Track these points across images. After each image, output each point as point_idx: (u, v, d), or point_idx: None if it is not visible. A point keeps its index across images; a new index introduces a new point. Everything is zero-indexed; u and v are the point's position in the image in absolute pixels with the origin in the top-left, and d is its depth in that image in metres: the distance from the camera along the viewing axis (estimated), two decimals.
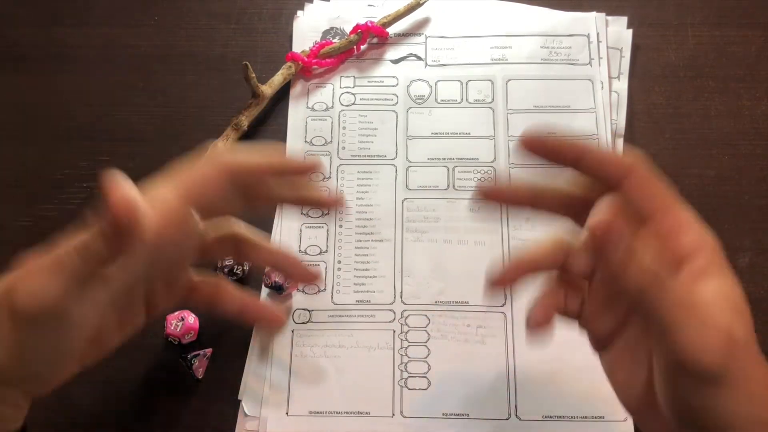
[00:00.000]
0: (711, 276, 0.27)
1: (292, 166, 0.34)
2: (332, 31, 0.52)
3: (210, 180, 0.32)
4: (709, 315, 0.25)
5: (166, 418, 0.41)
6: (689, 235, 0.28)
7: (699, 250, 0.27)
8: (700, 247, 0.27)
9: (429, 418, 0.40)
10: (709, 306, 0.26)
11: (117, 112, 0.50)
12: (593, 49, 0.50)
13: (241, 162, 0.32)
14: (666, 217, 0.28)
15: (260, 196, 0.34)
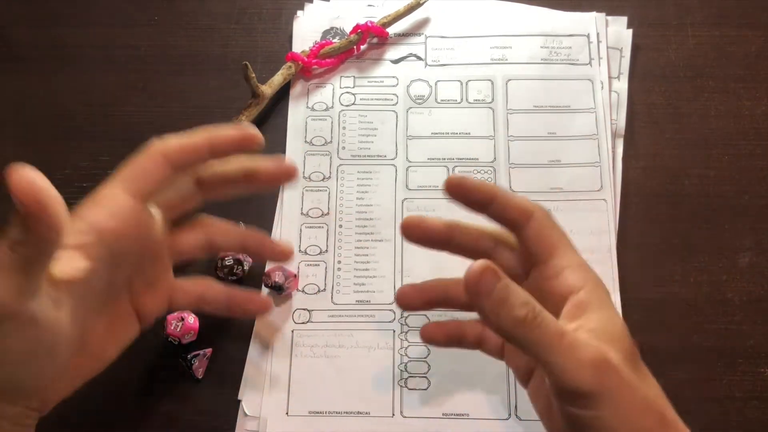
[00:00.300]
0: (590, 309, 0.30)
1: (225, 138, 0.34)
2: (332, 31, 0.52)
3: (149, 169, 0.32)
4: (579, 341, 0.28)
5: (166, 418, 0.41)
6: (575, 274, 0.31)
7: (582, 288, 0.31)
8: (582, 284, 0.31)
9: (429, 418, 0.40)
10: (581, 334, 0.29)
11: (117, 112, 0.50)
12: (593, 49, 0.50)
13: (173, 143, 0.33)
14: (556, 259, 0.31)
15: (210, 182, 0.36)
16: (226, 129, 0.34)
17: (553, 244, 0.32)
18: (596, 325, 0.29)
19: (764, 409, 0.41)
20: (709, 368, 0.42)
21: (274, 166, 0.36)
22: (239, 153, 0.35)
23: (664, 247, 0.45)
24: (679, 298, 0.43)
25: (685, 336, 0.43)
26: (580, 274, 0.31)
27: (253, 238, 0.39)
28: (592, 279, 0.31)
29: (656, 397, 0.29)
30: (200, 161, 0.34)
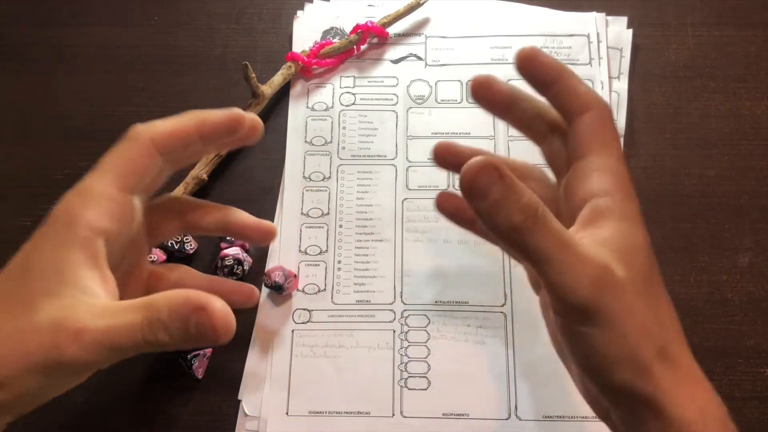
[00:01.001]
0: (608, 218, 0.27)
1: (215, 121, 0.32)
2: (332, 31, 0.52)
3: (138, 159, 0.30)
4: (583, 252, 0.25)
5: (166, 418, 0.41)
6: (604, 178, 0.28)
7: (606, 194, 0.28)
8: (608, 190, 0.28)
9: (429, 418, 0.40)
10: (587, 245, 0.26)
11: (117, 112, 0.50)
12: (593, 49, 0.50)
13: (162, 129, 0.31)
14: (591, 157, 0.29)
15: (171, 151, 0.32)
16: (216, 112, 0.32)
17: (596, 142, 0.29)
18: (610, 235, 0.27)
19: (764, 409, 0.41)
20: (709, 368, 0.41)
21: (225, 115, 0.32)
22: (230, 137, 0.32)
23: (664, 247, 0.45)
24: (679, 298, 0.43)
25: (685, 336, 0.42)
26: (611, 180, 0.28)
27: (234, 218, 0.36)
28: (622, 189, 0.28)
29: (661, 326, 0.27)
30: (189, 147, 0.32)
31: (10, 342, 0.26)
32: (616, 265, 0.26)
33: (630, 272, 0.26)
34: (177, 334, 0.26)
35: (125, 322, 0.26)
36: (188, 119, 0.31)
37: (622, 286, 0.26)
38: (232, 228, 0.36)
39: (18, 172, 0.48)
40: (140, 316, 0.26)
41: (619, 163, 0.29)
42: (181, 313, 0.26)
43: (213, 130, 0.31)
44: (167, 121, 0.31)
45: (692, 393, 0.28)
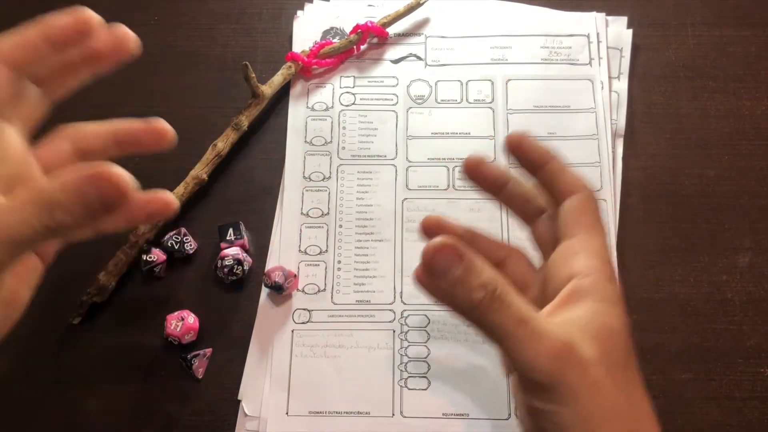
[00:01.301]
0: (585, 299, 0.28)
1: (60, 24, 0.30)
2: (332, 31, 0.52)
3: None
4: (541, 328, 0.26)
5: (166, 418, 0.41)
6: (586, 260, 0.29)
7: (587, 276, 0.28)
8: (589, 273, 0.28)
9: (429, 418, 0.40)
10: (548, 322, 0.27)
11: (117, 112, 0.50)
12: (593, 49, 0.50)
13: (3, 43, 0.29)
14: (576, 240, 0.30)
15: (50, 75, 0.32)
16: (57, 17, 0.29)
17: (580, 225, 0.30)
18: (584, 315, 0.27)
19: (764, 409, 0.41)
20: (709, 368, 0.42)
21: (70, 14, 0.30)
22: (81, 41, 0.30)
23: (664, 247, 0.45)
24: (679, 298, 0.43)
25: (685, 336, 0.43)
26: (592, 262, 0.29)
27: (124, 131, 0.34)
28: (603, 271, 0.29)
29: (634, 410, 0.27)
30: (41, 57, 0.29)
31: None
32: (584, 344, 0.26)
33: (600, 352, 0.26)
34: (76, 207, 0.25)
35: (16, 214, 0.25)
36: (32, 28, 0.30)
37: (587, 364, 0.26)
38: (122, 137, 0.34)
39: None
40: (31, 204, 0.25)
41: (602, 246, 0.30)
42: (75, 184, 0.25)
43: (58, 30, 0.30)
44: (10, 34, 0.29)
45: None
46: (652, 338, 0.42)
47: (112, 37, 0.31)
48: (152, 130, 0.33)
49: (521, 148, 0.32)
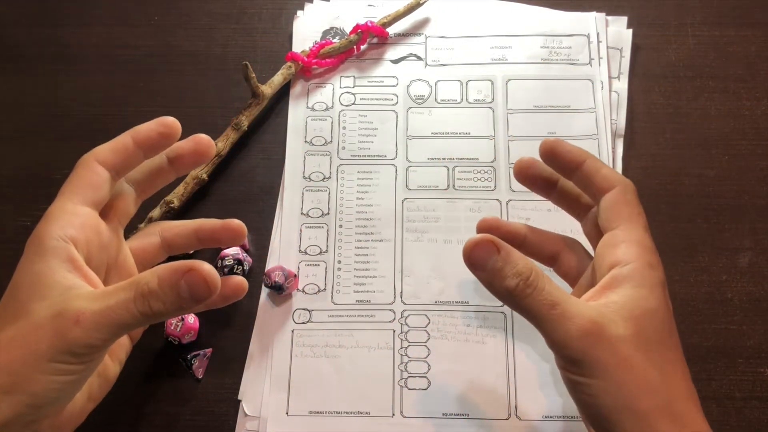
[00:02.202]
0: (624, 285, 0.30)
1: (147, 132, 0.35)
2: (332, 31, 0.52)
3: (86, 175, 0.33)
4: (571, 310, 0.29)
5: (166, 418, 0.41)
6: (629, 249, 0.31)
7: (628, 263, 0.31)
8: (630, 260, 0.31)
9: (429, 418, 0.40)
10: (578, 303, 0.30)
11: (117, 112, 0.50)
12: (593, 49, 0.50)
13: (101, 148, 0.34)
14: (619, 231, 0.32)
15: (142, 181, 0.37)
16: (145, 125, 0.35)
17: (621, 217, 0.32)
18: (619, 300, 0.30)
19: (764, 409, 0.41)
20: (709, 368, 0.42)
21: (155, 122, 0.36)
22: (166, 144, 0.35)
23: (664, 247, 0.45)
24: (679, 298, 0.43)
25: (685, 336, 0.42)
26: (634, 251, 0.31)
27: (206, 231, 0.39)
28: (644, 260, 0.31)
29: (668, 384, 0.29)
30: (134, 160, 0.35)
31: (14, 345, 0.28)
32: (616, 324, 0.29)
33: (633, 332, 0.29)
34: (170, 299, 0.29)
35: (119, 300, 0.29)
36: (123, 134, 0.35)
37: (617, 341, 0.29)
38: (203, 235, 0.39)
39: (18, 172, 0.48)
40: (131, 292, 0.29)
41: (644, 235, 0.32)
42: (171, 279, 0.29)
43: (145, 137, 0.34)
44: (106, 142, 0.35)
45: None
46: None
47: (194, 143, 0.37)
48: (229, 230, 0.39)
49: (556, 152, 0.35)
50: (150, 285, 0.29)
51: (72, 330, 0.28)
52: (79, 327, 0.28)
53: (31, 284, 0.30)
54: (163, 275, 0.29)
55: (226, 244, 0.41)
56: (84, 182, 0.33)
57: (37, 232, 0.31)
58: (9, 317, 0.29)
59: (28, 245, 0.31)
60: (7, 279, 0.31)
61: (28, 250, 0.31)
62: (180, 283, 0.29)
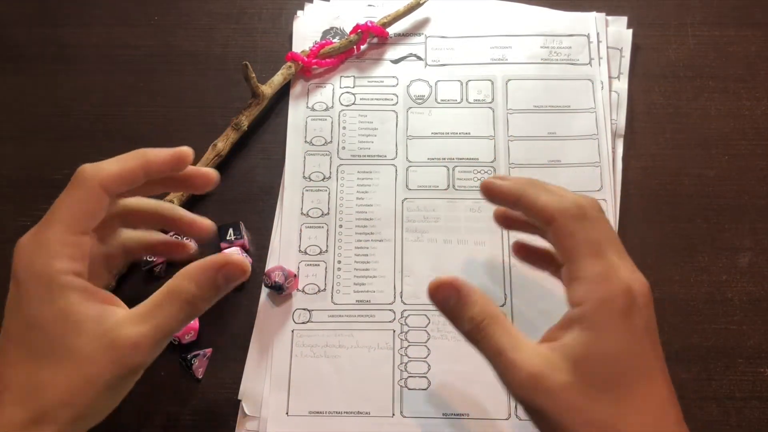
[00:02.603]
0: (575, 328, 0.30)
1: (159, 160, 0.34)
2: (332, 31, 0.52)
3: (88, 202, 0.32)
4: (515, 361, 0.30)
5: (166, 418, 0.41)
6: (580, 288, 0.30)
7: (579, 304, 0.30)
8: (581, 301, 0.30)
9: (429, 418, 0.40)
10: (525, 351, 0.30)
11: (117, 112, 0.50)
12: (593, 49, 0.50)
13: (108, 172, 0.32)
14: (572, 266, 0.31)
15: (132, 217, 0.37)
16: (159, 152, 0.34)
17: (569, 251, 0.31)
18: (570, 342, 0.30)
19: (764, 409, 0.41)
20: (709, 368, 0.42)
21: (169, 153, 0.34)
22: (173, 172, 0.35)
23: (664, 247, 0.45)
24: (679, 298, 0.43)
25: (685, 336, 0.43)
26: (583, 290, 0.30)
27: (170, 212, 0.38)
28: (595, 297, 0.30)
29: (625, 424, 0.29)
30: (135, 185, 0.33)
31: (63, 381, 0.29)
32: (561, 370, 0.29)
33: (578, 377, 0.29)
34: (212, 295, 0.31)
35: (165, 315, 0.31)
36: (134, 159, 0.33)
37: (559, 390, 0.29)
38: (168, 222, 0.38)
39: (18, 172, 0.48)
40: (176, 304, 0.31)
41: (595, 263, 0.31)
42: (209, 279, 0.31)
43: (158, 168, 0.34)
44: (114, 163, 0.33)
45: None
46: None
47: (202, 174, 0.37)
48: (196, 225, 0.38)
49: (491, 192, 0.35)
50: (191, 291, 0.31)
51: (131, 356, 0.30)
52: (138, 352, 0.30)
53: (60, 321, 0.30)
54: (200, 278, 0.31)
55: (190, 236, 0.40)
56: (85, 209, 0.32)
57: (41, 266, 0.31)
58: (43, 355, 0.30)
59: (32, 280, 0.31)
60: (7, 279, 0.31)
61: (36, 286, 0.30)
62: (217, 278, 0.31)
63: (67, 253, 0.31)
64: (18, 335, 0.30)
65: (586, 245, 0.31)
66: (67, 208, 0.32)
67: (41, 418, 0.29)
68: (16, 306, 0.31)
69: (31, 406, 0.29)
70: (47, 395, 0.29)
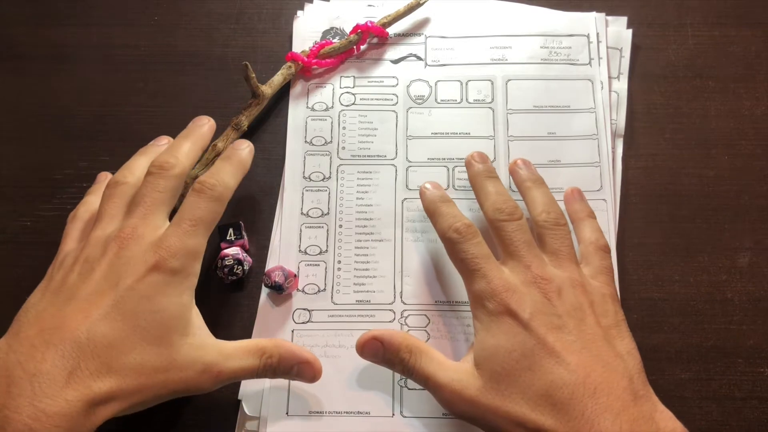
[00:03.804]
0: (478, 331, 0.36)
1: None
2: (332, 31, 0.52)
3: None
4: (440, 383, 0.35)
5: (166, 418, 0.41)
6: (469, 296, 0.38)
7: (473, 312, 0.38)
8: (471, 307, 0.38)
9: (429, 418, 0.40)
10: (446, 375, 0.35)
11: (117, 112, 0.50)
12: (593, 49, 0.50)
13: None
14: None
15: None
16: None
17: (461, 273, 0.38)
18: (475, 349, 0.35)
19: (764, 409, 0.41)
20: (709, 368, 0.42)
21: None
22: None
23: (664, 247, 0.45)
24: (679, 298, 0.43)
25: (685, 336, 0.43)
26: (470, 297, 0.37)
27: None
28: (475, 302, 0.36)
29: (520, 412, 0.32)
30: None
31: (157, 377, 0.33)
32: (474, 376, 0.34)
33: (487, 377, 0.34)
34: (280, 374, 0.37)
35: (247, 365, 0.36)
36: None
37: (475, 396, 0.34)
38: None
39: (18, 172, 0.48)
40: (257, 360, 0.36)
41: (470, 284, 0.37)
42: (289, 363, 0.37)
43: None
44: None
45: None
46: (652, 338, 0.42)
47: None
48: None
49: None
50: (273, 361, 0.36)
51: (207, 383, 0.34)
52: (212, 381, 0.35)
53: (178, 316, 0.34)
54: (285, 356, 0.36)
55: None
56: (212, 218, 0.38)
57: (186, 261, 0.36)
58: (151, 339, 0.33)
59: (174, 271, 0.35)
60: (7, 279, 0.31)
61: (173, 275, 0.35)
62: (293, 369, 0.37)
63: (200, 257, 0.37)
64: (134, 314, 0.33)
65: (462, 265, 0.38)
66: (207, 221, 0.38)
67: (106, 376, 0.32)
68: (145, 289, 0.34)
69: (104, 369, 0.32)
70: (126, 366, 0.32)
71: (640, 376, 0.34)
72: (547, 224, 0.39)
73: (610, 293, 0.37)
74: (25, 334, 0.32)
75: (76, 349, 0.31)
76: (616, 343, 0.35)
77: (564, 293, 0.35)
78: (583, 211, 0.42)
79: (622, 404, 0.31)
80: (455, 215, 0.39)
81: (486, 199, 0.40)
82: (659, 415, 0.32)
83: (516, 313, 0.34)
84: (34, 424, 0.29)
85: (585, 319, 0.35)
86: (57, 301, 0.33)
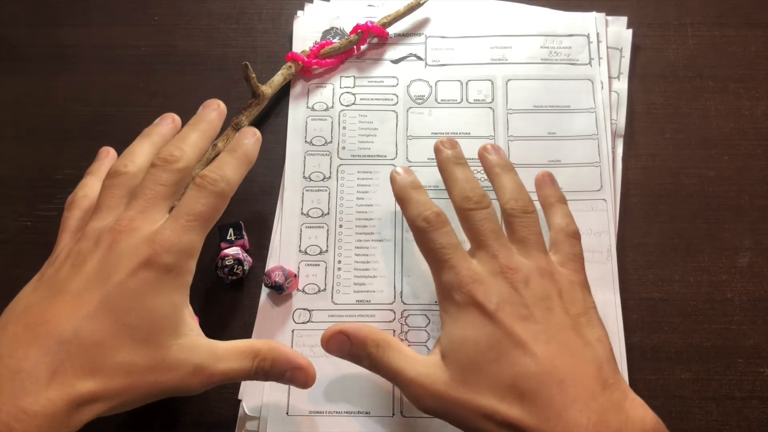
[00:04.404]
0: (445, 323, 0.36)
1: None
2: (332, 31, 0.52)
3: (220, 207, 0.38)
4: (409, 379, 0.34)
5: (166, 418, 0.41)
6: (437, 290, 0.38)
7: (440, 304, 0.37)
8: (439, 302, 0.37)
9: (429, 418, 0.40)
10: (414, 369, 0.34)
11: (117, 112, 0.50)
12: (593, 49, 0.50)
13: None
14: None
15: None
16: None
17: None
18: (441, 341, 0.35)
19: (764, 409, 0.41)
20: (709, 368, 0.42)
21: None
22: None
23: (664, 247, 0.45)
24: (679, 298, 0.43)
25: (685, 336, 0.43)
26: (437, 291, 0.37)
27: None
28: (441, 295, 0.36)
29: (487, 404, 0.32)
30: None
31: (145, 378, 0.32)
32: (442, 369, 0.34)
33: (454, 369, 0.33)
34: (272, 378, 0.36)
35: (239, 367, 0.34)
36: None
37: (444, 390, 0.33)
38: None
39: (18, 172, 0.48)
40: (250, 363, 0.34)
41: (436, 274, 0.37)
42: (282, 367, 0.35)
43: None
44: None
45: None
46: (652, 338, 0.42)
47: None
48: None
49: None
50: (266, 364, 0.35)
51: (196, 384, 0.33)
52: (205, 383, 0.33)
53: (169, 316, 0.33)
54: (278, 360, 0.35)
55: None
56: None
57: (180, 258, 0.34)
58: (139, 338, 0.32)
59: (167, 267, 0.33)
60: (7, 279, 0.31)
61: (165, 272, 0.33)
62: (286, 374, 0.35)
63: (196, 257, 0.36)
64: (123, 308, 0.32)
65: (430, 255, 0.37)
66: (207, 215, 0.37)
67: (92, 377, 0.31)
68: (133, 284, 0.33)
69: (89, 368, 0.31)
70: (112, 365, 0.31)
71: (609, 364, 0.33)
72: (515, 212, 0.38)
73: (579, 280, 0.36)
74: (12, 329, 0.31)
75: (61, 347, 0.30)
76: (585, 332, 0.34)
77: (531, 282, 0.35)
78: (554, 195, 0.41)
79: (590, 393, 0.31)
80: (425, 203, 0.38)
81: (454, 186, 0.39)
82: (629, 403, 0.31)
83: (482, 304, 0.34)
84: (15, 423, 0.28)
85: (553, 308, 0.34)
86: (47, 295, 0.32)
